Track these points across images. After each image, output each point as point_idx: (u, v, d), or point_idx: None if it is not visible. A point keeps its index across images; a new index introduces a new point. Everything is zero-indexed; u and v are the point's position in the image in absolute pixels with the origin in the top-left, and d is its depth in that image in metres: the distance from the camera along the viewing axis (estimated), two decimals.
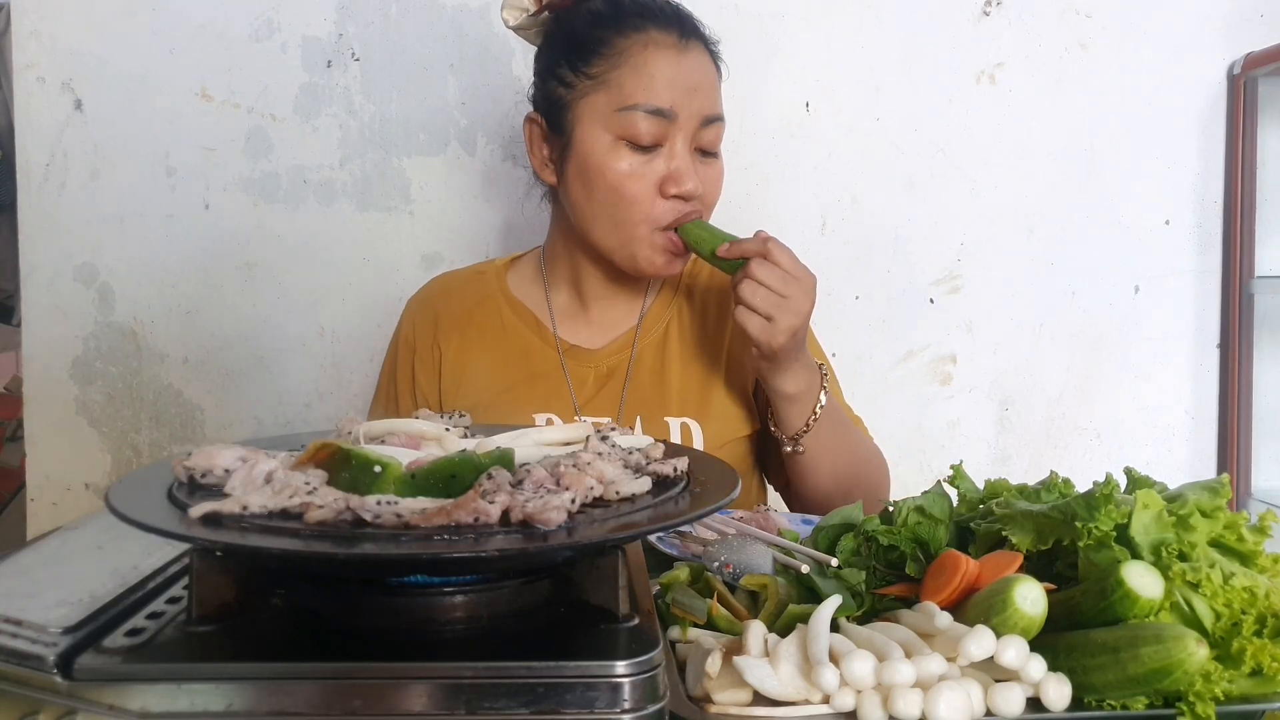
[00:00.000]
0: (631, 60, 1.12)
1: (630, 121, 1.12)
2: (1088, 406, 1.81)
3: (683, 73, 1.13)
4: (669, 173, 1.14)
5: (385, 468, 0.64)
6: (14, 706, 0.55)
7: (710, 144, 1.17)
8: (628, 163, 1.13)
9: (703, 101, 1.14)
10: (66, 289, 1.68)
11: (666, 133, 1.13)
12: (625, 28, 1.13)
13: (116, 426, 1.71)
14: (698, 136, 1.15)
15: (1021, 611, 0.66)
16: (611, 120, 1.13)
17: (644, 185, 1.14)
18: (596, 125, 1.14)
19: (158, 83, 1.65)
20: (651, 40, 1.13)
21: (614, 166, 1.13)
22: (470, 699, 0.54)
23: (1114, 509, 0.70)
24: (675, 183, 1.13)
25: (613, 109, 1.13)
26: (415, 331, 1.33)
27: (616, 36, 1.13)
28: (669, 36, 1.13)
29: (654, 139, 1.13)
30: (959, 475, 0.88)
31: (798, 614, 0.70)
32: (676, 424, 1.24)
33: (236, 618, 0.60)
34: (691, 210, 1.16)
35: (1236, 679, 0.62)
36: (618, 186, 1.14)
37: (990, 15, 1.74)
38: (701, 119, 1.14)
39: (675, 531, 0.92)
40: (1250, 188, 1.76)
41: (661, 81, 1.11)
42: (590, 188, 1.16)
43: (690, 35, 1.15)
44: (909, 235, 1.76)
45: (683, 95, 1.12)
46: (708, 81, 1.16)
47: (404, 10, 1.67)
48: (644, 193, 1.14)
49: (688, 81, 1.13)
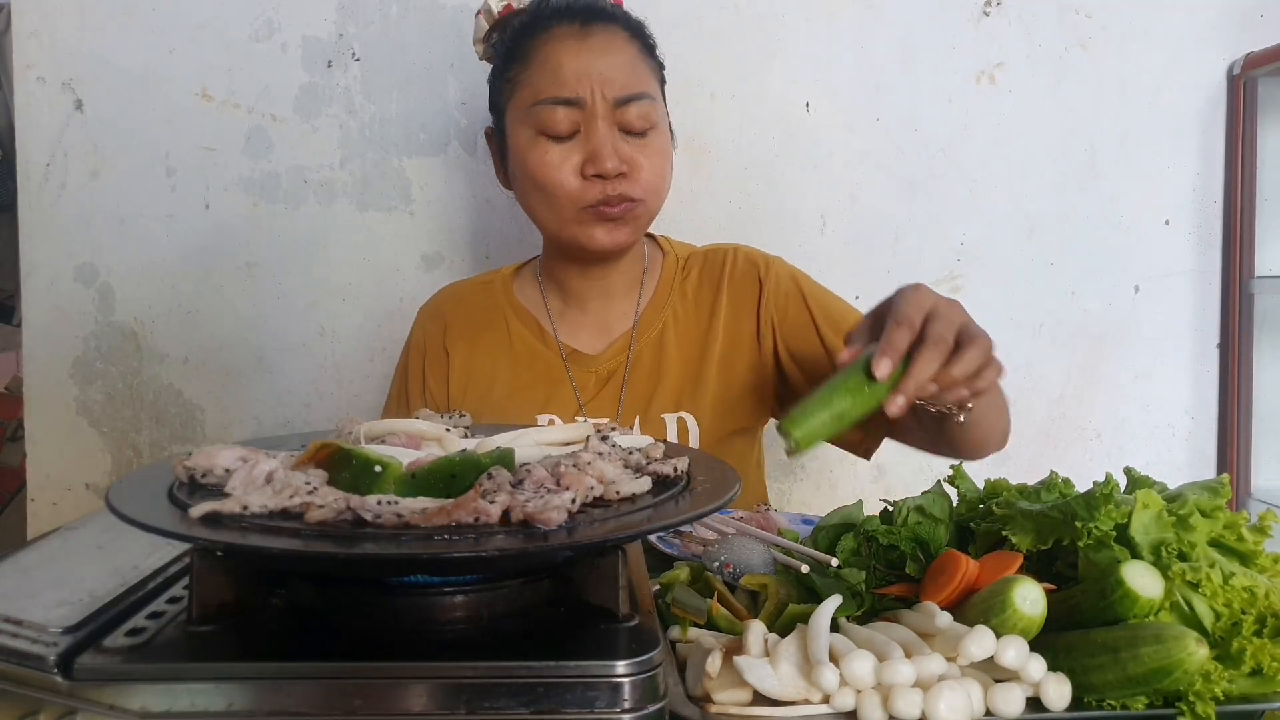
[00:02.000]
0: (538, 58, 1.17)
1: (542, 114, 1.16)
2: (1088, 406, 1.81)
3: (584, 61, 1.16)
4: (587, 155, 1.16)
5: (385, 468, 0.64)
6: (14, 706, 0.55)
7: (633, 123, 1.17)
8: (546, 153, 1.17)
9: (610, 83, 1.16)
10: (66, 289, 1.68)
11: (580, 120, 1.16)
12: (535, 30, 1.19)
13: (116, 426, 1.71)
14: (618, 118, 1.17)
15: (1021, 612, 0.66)
16: (529, 116, 1.17)
17: (565, 172, 1.16)
18: (519, 124, 1.19)
19: (158, 83, 1.65)
20: (553, 36, 1.17)
21: (534, 158, 1.17)
22: (470, 699, 0.54)
23: (1114, 509, 0.70)
24: (592, 163, 1.15)
25: (528, 105, 1.17)
26: (425, 337, 1.37)
27: (529, 40, 1.19)
28: (570, 29, 1.17)
29: (570, 127, 1.16)
30: (959, 475, 0.88)
31: (798, 614, 0.70)
32: (672, 419, 1.25)
33: (236, 618, 0.61)
34: (619, 189, 1.16)
35: (1236, 679, 0.62)
36: (539, 176, 1.17)
37: (990, 15, 1.74)
38: (614, 100, 1.16)
39: (675, 531, 0.92)
40: (1250, 188, 1.76)
41: (564, 72, 1.15)
42: (523, 182, 1.22)
43: (593, 21, 1.18)
44: (909, 235, 1.76)
45: (587, 81, 1.15)
46: (618, 64, 1.17)
47: (404, 10, 1.67)
48: (565, 178, 1.17)
49: (591, 68, 1.15)
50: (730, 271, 1.31)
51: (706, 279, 1.32)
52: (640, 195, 1.18)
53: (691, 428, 1.25)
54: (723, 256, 1.33)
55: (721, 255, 1.33)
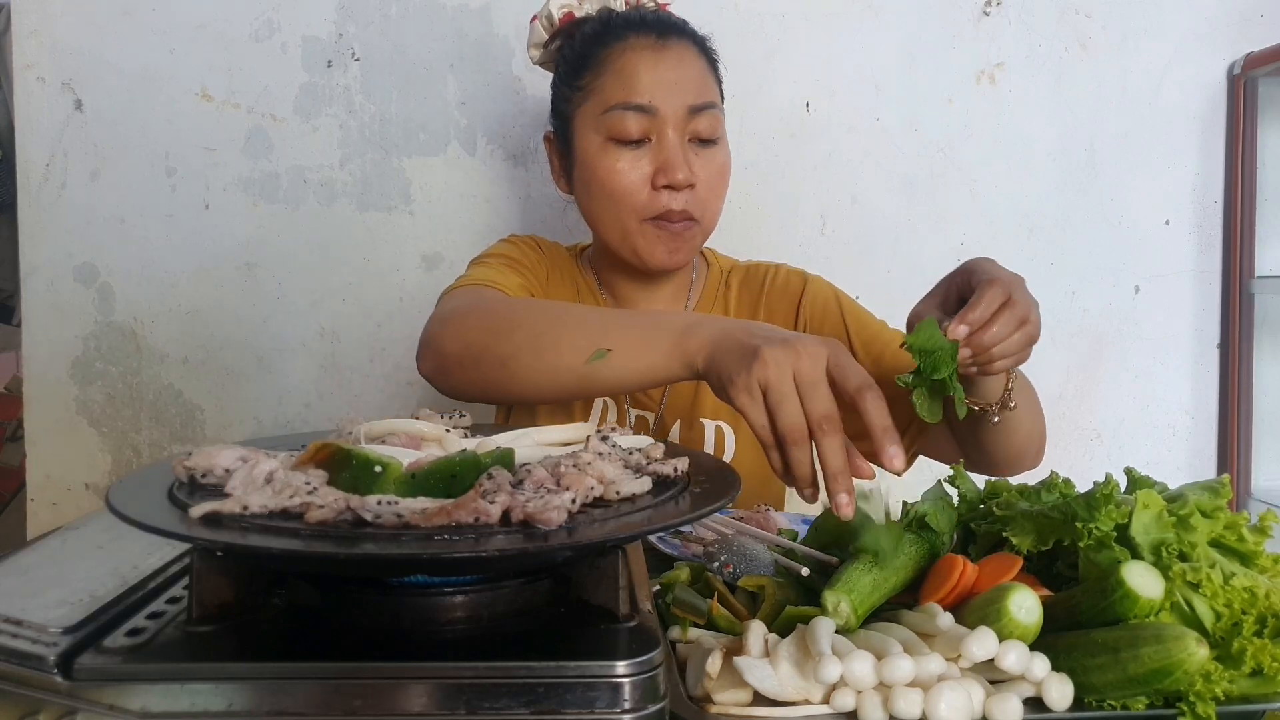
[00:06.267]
0: (612, 66, 1.19)
1: (614, 120, 1.17)
2: (1088, 406, 1.81)
3: (660, 69, 1.17)
4: (658, 165, 1.17)
5: (386, 468, 0.64)
6: (14, 706, 0.55)
7: (705, 131, 1.19)
8: (617, 160, 1.18)
9: (685, 92, 1.18)
10: (66, 289, 1.68)
11: (652, 127, 1.17)
12: (609, 39, 1.20)
13: (116, 426, 1.71)
14: (689, 126, 1.18)
15: (1016, 620, 0.66)
16: (600, 123, 1.18)
17: (634, 179, 1.17)
18: (589, 130, 1.20)
19: (158, 83, 1.65)
20: (629, 46, 1.19)
21: (605, 165, 1.18)
22: (470, 699, 0.54)
23: (1114, 509, 0.70)
24: (664, 173, 1.16)
25: (599, 112, 1.19)
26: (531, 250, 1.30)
27: (601, 49, 1.20)
28: (646, 39, 1.19)
29: (640, 134, 1.17)
30: (959, 475, 0.88)
31: (797, 614, 0.70)
32: (711, 426, 1.27)
33: (236, 618, 0.60)
34: (684, 203, 1.17)
35: (1237, 679, 0.62)
36: (608, 183, 1.18)
37: (990, 15, 1.74)
38: (687, 108, 1.17)
39: (675, 531, 0.92)
40: (1250, 188, 1.76)
41: (639, 80, 1.17)
42: (589, 188, 1.22)
43: (669, 34, 1.20)
44: (909, 235, 1.76)
45: (662, 90, 1.17)
46: (691, 73, 1.19)
47: (404, 10, 1.67)
48: (634, 186, 1.18)
49: (666, 76, 1.17)
50: (769, 286, 1.33)
51: (746, 292, 1.34)
52: (699, 216, 1.20)
53: (729, 436, 1.26)
54: (763, 272, 1.35)
55: (762, 271, 1.35)
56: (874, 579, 0.72)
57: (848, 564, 0.74)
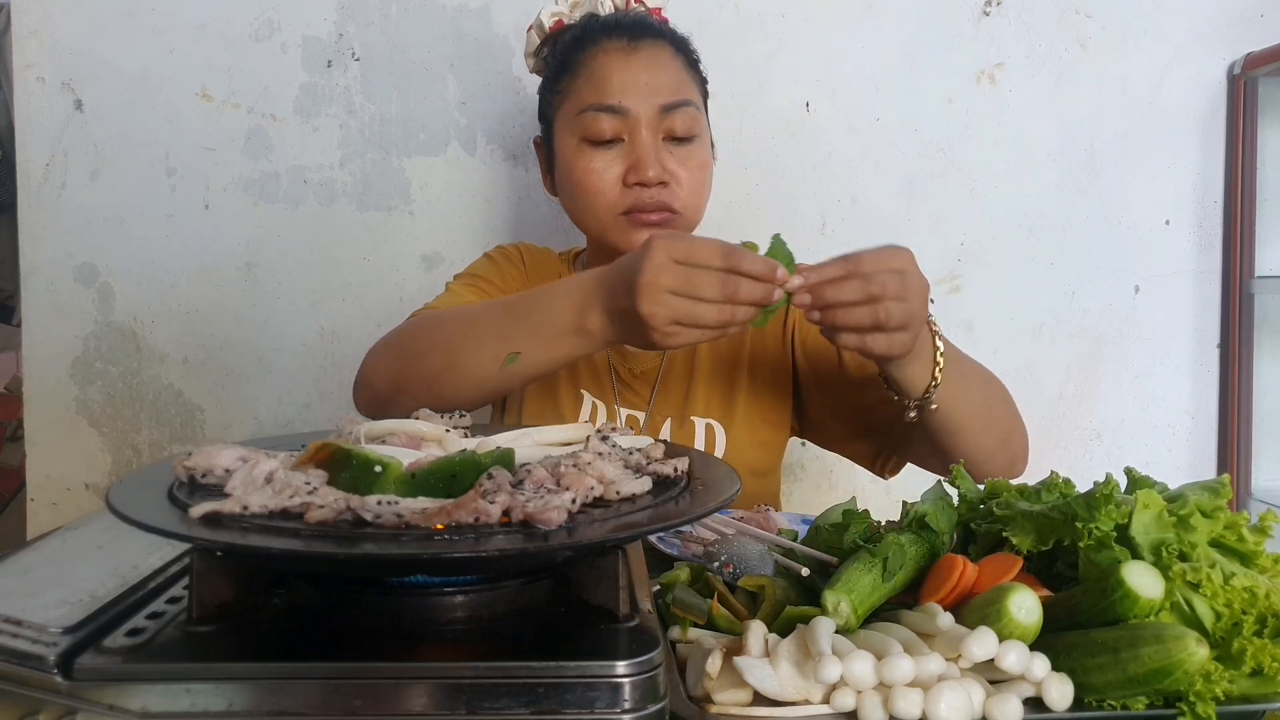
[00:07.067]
0: (585, 69, 1.21)
1: (588, 121, 1.19)
2: (1088, 406, 1.81)
3: (630, 71, 1.19)
4: (630, 163, 1.19)
5: (385, 468, 0.64)
6: (14, 706, 0.55)
7: (679, 129, 1.20)
8: (591, 160, 1.20)
9: (657, 92, 1.19)
10: (66, 289, 1.68)
11: (624, 128, 1.19)
12: (585, 44, 1.23)
13: (116, 426, 1.71)
14: (663, 125, 1.19)
15: (1016, 621, 0.66)
16: (575, 124, 1.21)
17: (607, 179, 1.20)
18: (566, 132, 1.23)
19: (158, 83, 1.65)
20: (602, 49, 1.21)
21: (580, 165, 1.21)
22: (470, 699, 0.54)
23: (1114, 509, 0.70)
24: (635, 171, 1.18)
25: (574, 114, 1.21)
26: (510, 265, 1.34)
27: (579, 54, 1.23)
28: (618, 43, 1.21)
29: (613, 134, 1.19)
30: (959, 475, 0.88)
31: (797, 614, 0.70)
32: (702, 424, 1.27)
33: (236, 618, 0.60)
34: (659, 198, 1.18)
35: (1237, 679, 0.62)
36: (584, 182, 1.21)
37: (990, 15, 1.74)
38: (659, 108, 1.19)
39: (675, 531, 0.92)
40: (1250, 188, 1.76)
41: (610, 82, 1.19)
42: (566, 188, 1.25)
43: (641, 36, 1.22)
44: (909, 235, 1.74)
45: (633, 91, 1.18)
46: (664, 74, 1.21)
47: (404, 10, 1.67)
48: (606, 185, 1.20)
49: (638, 78, 1.19)
50: None
51: None
52: (679, 208, 1.21)
53: (719, 435, 1.27)
54: None
55: None
56: (874, 579, 0.73)
57: (848, 564, 0.74)
